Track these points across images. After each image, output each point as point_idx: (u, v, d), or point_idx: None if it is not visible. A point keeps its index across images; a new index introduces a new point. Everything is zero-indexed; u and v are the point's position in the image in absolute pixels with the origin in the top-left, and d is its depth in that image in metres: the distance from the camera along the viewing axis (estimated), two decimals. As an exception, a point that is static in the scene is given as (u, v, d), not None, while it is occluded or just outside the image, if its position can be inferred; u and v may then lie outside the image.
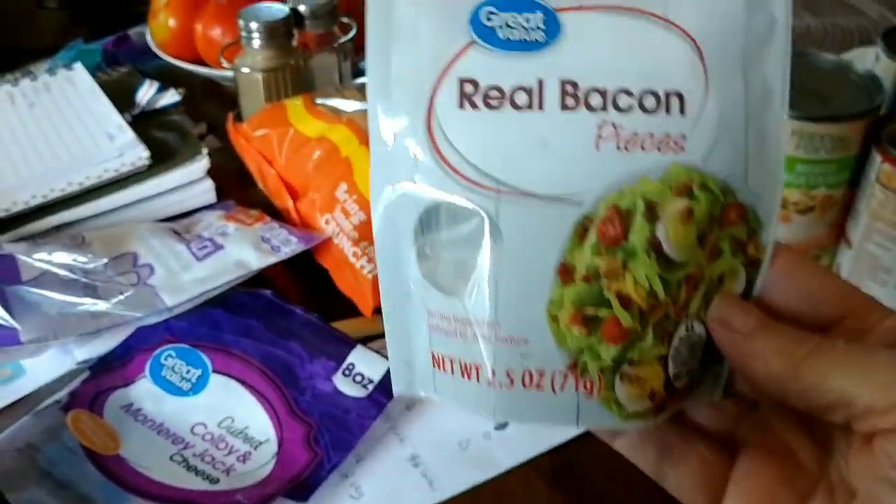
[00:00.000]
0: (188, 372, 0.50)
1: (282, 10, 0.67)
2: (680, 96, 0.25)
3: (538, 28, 0.25)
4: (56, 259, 0.54)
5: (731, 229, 0.26)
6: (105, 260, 0.54)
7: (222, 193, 0.65)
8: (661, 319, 0.26)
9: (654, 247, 0.25)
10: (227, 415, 0.48)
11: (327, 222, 0.55)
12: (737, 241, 0.26)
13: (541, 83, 0.25)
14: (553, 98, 0.25)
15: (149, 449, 0.46)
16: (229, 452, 0.47)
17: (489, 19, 0.25)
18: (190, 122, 0.71)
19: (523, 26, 0.25)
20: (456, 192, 0.25)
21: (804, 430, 0.27)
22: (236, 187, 0.66)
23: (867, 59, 0.63)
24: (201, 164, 0.63)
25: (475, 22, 0.25)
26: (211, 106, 0.78)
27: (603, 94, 0.25)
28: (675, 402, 0.28)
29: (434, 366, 0.27)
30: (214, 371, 0.50)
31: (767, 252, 0.27)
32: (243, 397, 0.49)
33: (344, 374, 0.49)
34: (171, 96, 0.71)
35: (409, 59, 0.26)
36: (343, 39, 0.71)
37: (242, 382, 0.49)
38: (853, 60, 0.58)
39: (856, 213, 0.53)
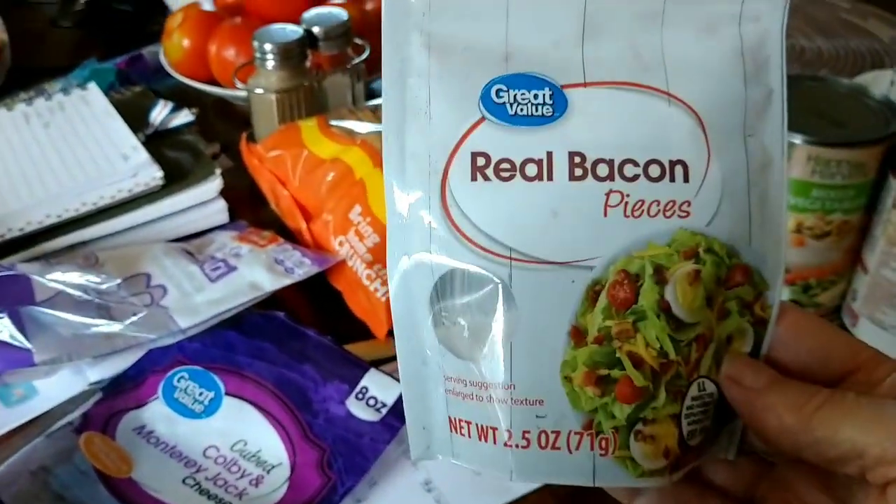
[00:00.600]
0: (201, 394, 0.49)
1: (296, 31, 0.67)
2: (684, 165, 0.26)
3: (546, 103, 0.26)
4: (70, 279, 0.54)
5: (738, 290, 0.27)
6: (118, 280, 0.54)
7: (234, 213, 0.65)
8: (672, 378, 0.26)
9: (664, 308, 0.26)
10: (240, 438, 0.48)
11: (341, 244, 0.55)
12: (744, 302, 0.27)
13: (550, 155, 0.26)
14: (562, 169, 0.26)
15: (161, 472, 0.46)
16: (242, 476, 0.46)
17: (499, 96, 0.26)
18: (203, 142, 0.71)
19: (532, 102, 0.26)
20: (470, 260, 0.26)
21: (822, 486, 0.27)
22: (248, 207, 0.67)
23: (881, 82, 0.63)
24: (214, 184, 0.63)
25: (486, 99, 0.26)
26: (223, 126, 0.78)
27: (609, 164, 0.26)
28: (689, 460, 0.28)
29: (451, 430, 0.28)
30: (227, 393, 0.49)
31: (774, 311, 0.28)
32: (256, 420, 0.48)
33: (357, 397, 0.49)
34: (185, 116, 0.71)
35: (422, 136, 0.27)
36: (356, 60, 0.71)
37: (255, 405, 0.49)
38: (867, 84, 0.58)
39: (872, 239, 0.53)
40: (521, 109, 0.26)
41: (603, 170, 0.26)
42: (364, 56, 0.71)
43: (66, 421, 0.48)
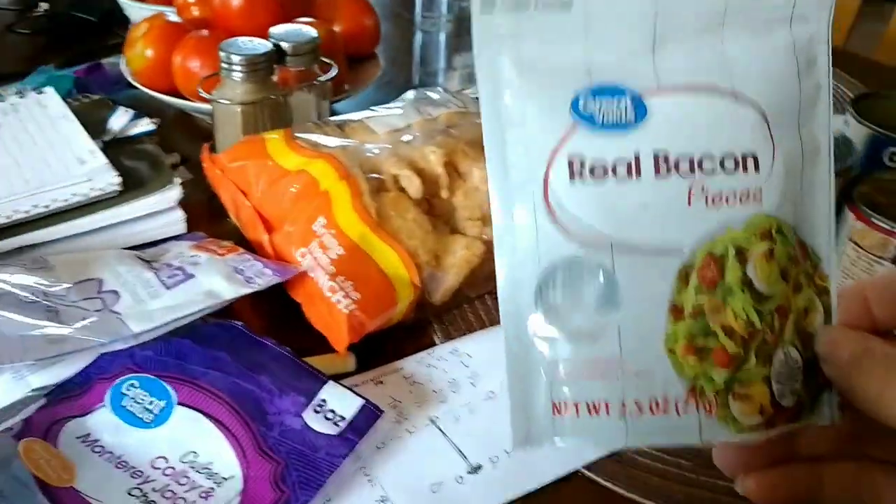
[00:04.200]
0: (151, 403, 0.48)
1: (264, 44, 0.66)
2: (754, 157, 0.30)
3: (628, 110, 0.30)
4: (17, 280, 0.52)
5: (803, 265, 0.31)
6: (69, 284, 0.52)
7: (191, 225, 0.64)
8: (760, 344, 0.30)
9: (747, 284, 0.29)
10: (191, 449, 0.46)
11: (303, 255, 0.54)
12: (807, 275, 0.31)
13: (637, 156, 0.29)
14: (648, 167, 0.29)
15: (105, 482, 0.44)
16: (191, 488, 0.44)
17: (587, 107, 0.30)
18: (162, 152, 0.70)
19: (616, 109, 0.30)
20: (574, 251, 0.29)
21: None
22: (206, 220, 0.65)
23: (836, 122, 0.65)
24: (173, 192, 0.62)
25: (576, 109, 0.30)
26: (183, 138, 0.77)
27: (690, 161, 0.29)
28: (783, 419, 0.31)
29: (555, 414, 0.30)
30: (179, 403, 0.48)
31: (832, 281, 0.31)
32: (208, 431, 0.47)
33: (315, 410, 0.47)
34: (145, 125, 0.70)
35: (522, 147, 0.30)
36: (324, 79, 0.71)
37: (208, 416, 0.47)
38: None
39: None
40: (608, 117, 0.29)
41: (684, 166, 0.29)
42: (331, 75, 0.71)
43: (5, 426, 0.45)
